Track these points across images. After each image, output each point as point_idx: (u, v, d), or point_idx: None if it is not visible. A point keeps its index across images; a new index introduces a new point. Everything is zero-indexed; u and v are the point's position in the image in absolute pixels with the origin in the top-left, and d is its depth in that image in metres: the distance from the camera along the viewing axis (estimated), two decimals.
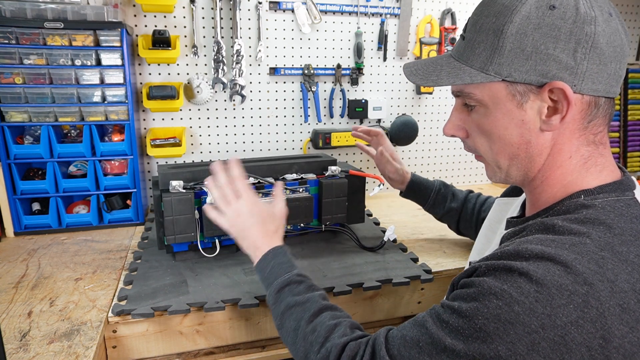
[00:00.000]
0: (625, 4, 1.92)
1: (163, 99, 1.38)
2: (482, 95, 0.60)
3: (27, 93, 1.21)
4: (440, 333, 0.53)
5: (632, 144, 1.96)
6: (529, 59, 0.55)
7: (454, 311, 0.53)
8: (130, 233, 1.29)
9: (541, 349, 0.47)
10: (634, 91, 1.94)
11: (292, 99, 1.59)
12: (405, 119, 1.65)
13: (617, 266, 0.49)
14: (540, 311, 0.47)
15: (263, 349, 0.95)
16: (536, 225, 0.57)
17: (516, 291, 0.49)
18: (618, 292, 0.48)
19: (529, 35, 0.55)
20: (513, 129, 0.59)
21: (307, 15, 1.53)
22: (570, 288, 0.48)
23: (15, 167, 1.23)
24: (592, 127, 0.58)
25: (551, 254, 0.50)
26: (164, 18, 1.41)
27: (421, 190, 1.17)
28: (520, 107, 0.58)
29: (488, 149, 0.63)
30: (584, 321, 0.47)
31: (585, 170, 0.59)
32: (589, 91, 0.56)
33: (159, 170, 1.07)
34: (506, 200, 0.82)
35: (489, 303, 0.49)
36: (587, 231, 0.52)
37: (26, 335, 0.80)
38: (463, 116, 0.65)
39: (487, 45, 0.58)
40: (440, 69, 0.64)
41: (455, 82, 0.60)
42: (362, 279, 0.98)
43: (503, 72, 0.57)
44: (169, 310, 0.86)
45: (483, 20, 0.59)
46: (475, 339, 0.49)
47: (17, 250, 1.17)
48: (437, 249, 1.18)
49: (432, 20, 1.65)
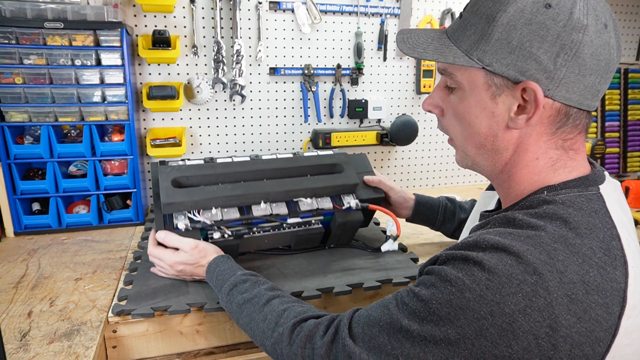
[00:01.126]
0: (625, 4, 1.92)
1: (163, 99, 1.38)
2: (462, 78, 0.60)
3: (27, 93, 1.21)
4: (399, 314, 0.55)
5: (632, 144, 1.96)
6: (512, 53, 0.55)
7: (414, 295, 0.55)
8: (130, 233, 1.29)
9: (489, 334, 0.48)
10: (634, 91, 1.94)
11: (292, 99, 1.59)
12: (405, 119, 1.65)
13: (567, 258, 0.50)
14: (489, 298, 0.49)
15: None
16: (499, 219, 0.58)
17: (469, 279, 0.50)
18: (567, 283, 0.49)
19: (518, 28, 0.54)
20: (483, 119, 0.60)
21: (307, 15, 1.53)
22: (519, 277, 0.49)
23: (15, 167, 1.23)
24: (561, 133, 0.58)
25: (505, 244, 0.51)
26: (164, 18, 1.42)
27: (428, 209, 1.12)
28: (493, 99, 0.58)
29: (459, 133, 0.64)
30: (532, 310, 0.48)
31: (554, 171, 0.60)
32: (560, 98, 0.55)
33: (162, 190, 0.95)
34: (490, 193, 0.83)
35: (443, 289, 0.51)
36: (544, 225, 0.53)
37: (26, 335, 0.79)
38: (443, 95, 0.66)
39: (477, 29, 0.58)
40: (430, 42, 0.63)
41: (438, 59, 0.60)
42: (362, 279, 0.98)
43: (485, 60, 0.57)
44: (169, 310, 0.86)
45: (481, 2, 0.58)
46: (429, 322, 0.52)
47: (17, 250, 1.17)
48: (437, 249, 1.18)
49: (432, 20, 1.65)
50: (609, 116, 1.92)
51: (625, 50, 1.98)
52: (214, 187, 0.98)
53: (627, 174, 1.97)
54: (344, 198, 1.09)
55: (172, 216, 0.96)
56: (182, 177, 0.98)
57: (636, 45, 1.99)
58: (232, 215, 0.98)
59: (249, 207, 1.01)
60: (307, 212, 1.05)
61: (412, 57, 0.65)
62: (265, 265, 1.05)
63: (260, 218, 1.00)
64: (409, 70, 1.70)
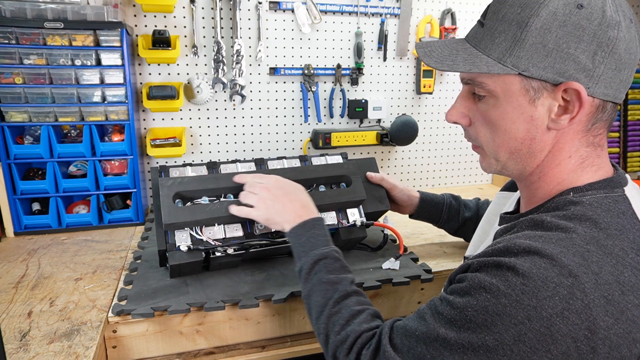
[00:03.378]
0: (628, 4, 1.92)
1: (163, 99, 1.38)
2: (495, 86, 0.59)
3: (27, 93, 1.21)
4: (435, 324, 0.55)
5: (632, 144, 1.96)
6: (549, 56, 0.55)
7: (448, 303, 0.55)
8: (130, 233, 1.29)
9: (527, 339, 0.48)
10: (634, 91, 1.94)
11: (292, 99, 1.59)
12: (405, 119, 1.65)
13: (601, 259, 0.50)
14: (526, 303, 0.48)
15: (263, 349, 0.95)
16: (526, 222, 0.58)
17: (503, 284, 0.50)
18: (602, 284, 0.49)
19: (552, 31, 0.54)
20: (521, 123, 0.59)
21: (307, 15, 1.53)
22: (555, 280, 0.48)
23: (15, 167, 1.23)
24: (594, 129, 0.59)
25: (537, 248, 0.51)
26: (164, 18, 1.41)
27: (432, 207, 1.12)
28: (532, 103, 0.58)
29: (490, 140, 0.63)
30: (570, 312, 0.47)
31: (582, 169, 0.60)
32: (600, 95, 0.56)
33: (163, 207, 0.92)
34: (505, 194, 0.82)
35: (478, 296, 0.51)
36: (574, 227, 0.53)
37: (26, 335, 0.79)
38: (469, 104, 0.65)
39: (508, 36, 0.57)
40: (456, 53, 0.62)
41: (471, 69, 0.59)
42: (362, 279, 0.98)
43: (521, 66, 0.56)
44: (169, 310, 0.86)
45: (507, 9, 0.58)
46: (466, 329, 0.52)
47: (17, 250, 1.17)
48: (437, 249, 1.18)
49: (432, 20, 1.65)
50: None
51: None
52: (217, 205, 0.95)
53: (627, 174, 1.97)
54: (349, 212, 1.07)
55: (173, 232, 0.94)
56: (184, 192, 0.95)
57: None
58: (235, 233, 0.97)
59: (252, 223, 0.99)
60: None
61: (442, 71, 0.65)
62: (265, 266, 1.05)
63: (263, 237, 0.99)
64: (409, 70, 1.70)
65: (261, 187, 0.90)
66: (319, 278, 0.76)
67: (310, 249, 0.79)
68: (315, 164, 1.11)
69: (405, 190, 1.12)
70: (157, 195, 0.96)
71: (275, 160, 1.10)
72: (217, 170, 1.04)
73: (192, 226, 0.94)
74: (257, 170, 1.04)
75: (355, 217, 1.07)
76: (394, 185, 1.12)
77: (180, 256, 0.92)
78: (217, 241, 0.95)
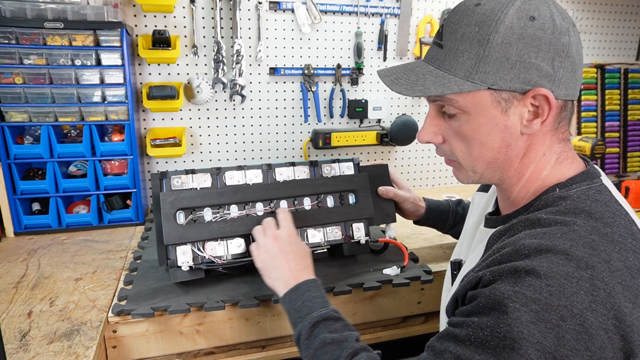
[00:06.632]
0: (625, 4, 1.92)
1: (163, 99, 1.38)
2: (465, 102, 0.61)
3: (27, 93, 1.21)
4: (466, 352, 0.51)
5: (632, 144, 1.96)
6: (513, 68, 0.57)
7: (471, 326, 0.51)
8: (130, 233, 1.29)
9: (566, 341, 0.47)
10: (634, 91, 1.94)
11: (292, 99, 1.59)
12: (405, 119, 1.65)
13: (607, 247, 0.51)
14: (556, 304, 0.48)
15: (263, 349, 0.95)
16: (521, 223, 0.59)
17: (528, 290, 0.49)
18: (615, 271, 0.50)
19: (513, 45, 0.57)
20: (496, 134, 0.61)
21: (307, 15, 1.53)
22: (575, 274, 0.49)
23: (15, 167, 1.23)
24: (561, 127, 0.63)
25: (548, 245, 0.51)
26: (164, 18, 1.42)
27: (438, 214, 1.11)
28: (504, 113, 0.60)
29: (467, 154, 0.64)
30: (597, 304, 0.47)
31: (559, 164, 0.63)
32: (562, 96, 0.59)
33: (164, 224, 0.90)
34: (482, 194, 0.85)
35: (505, 308, 0.48)
36: (572, 220, 0.54)
37: (26, 335, 0.79)
38: (439, 122, 0.66)
39: (471, 54, 0.59)
40: (423, 77, 0.62)
41: (444, 91, 0.60)
42: (362, 279, 0.98)
43: (488, 81, 0.58)
44: (169, 310, 0.86)
45: (464, 29, 0.59)
46: (503, 348, 0.48)
47: (17, 250, 1.17)
48: (437, 250, 1.18)
49: (432, 20, 1.65)
50: (609, 116, 1.92)
51: (625, 50, 1.99)
52: (221, 224, 0.94)
53: (627, 174, 1.97)
54: (355, 226, 1.06)
55: (175, 247, 0.92)
56: (186, 207, 0.93)
57: (636, 45, 1.99)
58: (237, 250, 0.95)
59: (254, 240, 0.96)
60: (315, 244, 1.02)
61: (415, 96, 0.65)
62: None
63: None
64: None
65: (271, 235, 0.87)
66: (321, 340, 0.69)
67: (307, 313, 0.74)
68: (325, 172, 1.07)
69: (414, 200, 1.11)
70: (158, 210, 0.92)
71: (283, 167, 1.03)
72: (221, 178, 0.98)
73: (194, 241, 0.93)
74: (263, 178, 1.01)
75: (361, 233, 1.06)
76: (406, 199, 1.10)
77: (181, 274, 0.92)
78: (218, 258, 0.94)
